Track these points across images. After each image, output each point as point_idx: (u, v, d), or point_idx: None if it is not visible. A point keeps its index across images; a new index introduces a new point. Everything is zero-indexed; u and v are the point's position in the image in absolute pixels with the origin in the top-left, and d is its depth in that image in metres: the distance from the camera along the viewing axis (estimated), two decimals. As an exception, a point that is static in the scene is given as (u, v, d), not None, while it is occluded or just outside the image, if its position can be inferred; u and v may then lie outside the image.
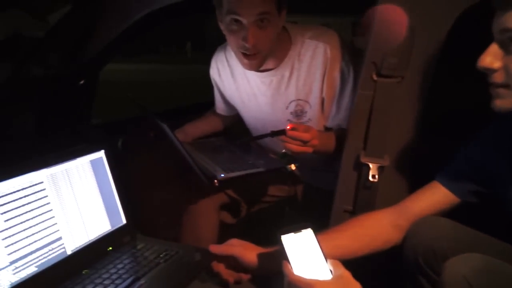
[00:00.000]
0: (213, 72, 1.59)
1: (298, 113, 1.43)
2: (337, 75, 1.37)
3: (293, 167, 1.40)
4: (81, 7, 1.35)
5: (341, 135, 1.38)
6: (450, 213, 1.01)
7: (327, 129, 1.47)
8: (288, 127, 1.21)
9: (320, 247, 0.86)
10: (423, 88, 1.15)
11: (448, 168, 1.01)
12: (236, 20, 1.24)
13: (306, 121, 1.44)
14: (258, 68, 1.39)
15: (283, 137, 1.24)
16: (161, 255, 1.06)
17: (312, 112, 1.42)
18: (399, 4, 1.10)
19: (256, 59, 1.32)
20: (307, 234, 0.88)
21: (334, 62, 1.36)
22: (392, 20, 1.11)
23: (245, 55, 1.31)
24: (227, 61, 1.53)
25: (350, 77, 1.37)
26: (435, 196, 1.01)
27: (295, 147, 1.23)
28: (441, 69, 1.11)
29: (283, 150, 1.36)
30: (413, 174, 1.19)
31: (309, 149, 1.25)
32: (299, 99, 1.42)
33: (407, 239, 0.98)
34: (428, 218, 0.98)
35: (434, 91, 1.14)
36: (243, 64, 1.36)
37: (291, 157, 1.35)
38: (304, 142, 1.22)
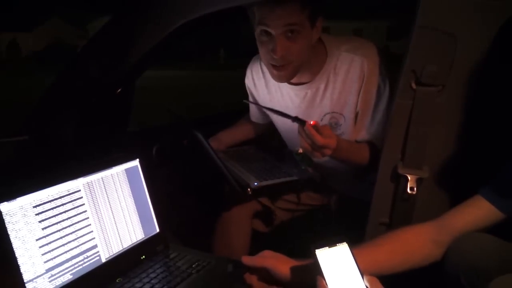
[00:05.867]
0: (248, 81, 1.59)
1: (333, 126, 1.41)
2: (373, 89, 1.34)
3: (308, 169, 1.36)
4: (120, 18, 1.38)
5: (372, 151, 1.36)
6: (491, 229, 0.96)
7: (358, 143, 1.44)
8: (311, 122, 1.17)
9: (356, 262, 0.83)
10: (465, 97, 1.10)
11: (493, 183, 0.95)
12: (266, 32, 1.24)
13: (340, 134, 1.41)
14: (288, 80, 1.38)
15: (299, 129, 1.20)
16: (193, 265, 1.05)
17: (345, 125, 1.40)
18: (440, 10, 1.07)
19: (285, 71, 1.30)
20: (343, 248, 0.85)
21: (371, 76, 1.33)
22: (433, 26, 1.07)
23: (274, 66, 1.30)
24: (262, 71, 1.53)
25: (385, 91, 1.34)
26: (479, 212, 0.96)
27: (305, 144, 1.19)
28: (486, 77, 1.06)
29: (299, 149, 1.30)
30: (454, 187, 1.14)
31: (318, 155, 1.20)
32: (334, 112, 1.40)
33: (449, 256, 0.94)
34: (471, 234, 0.93)
35: (477, 100, 1.09)
36: (273, 76, 1.35)
37: (307, 157, 1.29)
38: (316, 145, 1.17)
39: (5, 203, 0.84)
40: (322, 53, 1.37)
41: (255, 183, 1.35)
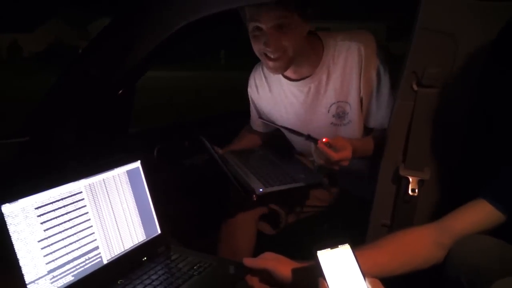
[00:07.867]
0: (251, 90, 1.61)
1: (340, 115, 1.43)
2: (373, 73, 1.36)
3: (326, 180, 1.38)
4: (122, 19, 1.38)
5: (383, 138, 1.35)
6: (493, 231, 0.95)
7: (368, 129, 1.45)
8: (323, 140, 1.19)
9: (358, 264, 0.83)
10: (466, 98, 1.10)
11: (494, 185, 0.95)
12: (258, 27, 1.27)
13: (347, 123, 1.43)
14: (283, 72, 1.40)
15: (313, 147, 1.22)
16: (195, 267, 1.05)
17: (352, 113, 1.42)
18: (441, 12, 1.07)
19: (280, 62, 1.32)
20: (345, 250, 0.85)
21: (369, 60, 1.35)
22: (434, 28, 1.07)
23: (269, 58, 1.32)
24: (265, 77, 1.55)
25: (386, 74, 1.36)
26: (481, 214, 0.95)
27: (321, 161, 1.22)
28: (487, 79, 1.06)
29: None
30: (455, 189, 1.14)
31: (335, 168, 1.23)
32: (339, 101, 1.42)
33: (450, 258, 0.94)
34: (472, 236, 0.93)
35: (478, 102, 1.09)
36: (268, 68, 1.37)
37: (326, 169, 1.31)
38: (331, 161, 1.19)
39: (7, 204, 0.84)
40: (318, 45, 1.40)
41: (261, 189, 1.33)
